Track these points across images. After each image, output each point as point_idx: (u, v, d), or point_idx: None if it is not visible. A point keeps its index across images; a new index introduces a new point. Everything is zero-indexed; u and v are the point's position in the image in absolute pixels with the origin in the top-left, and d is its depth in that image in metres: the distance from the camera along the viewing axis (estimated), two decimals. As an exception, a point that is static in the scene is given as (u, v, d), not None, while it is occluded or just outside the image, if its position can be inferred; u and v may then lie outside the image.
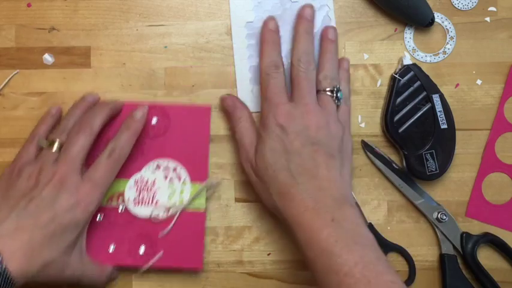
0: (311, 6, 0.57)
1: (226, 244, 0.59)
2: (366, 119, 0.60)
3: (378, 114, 0.60)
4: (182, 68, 0.60)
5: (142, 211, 0.56)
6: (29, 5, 0.60)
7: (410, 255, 0.59)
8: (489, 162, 0.59)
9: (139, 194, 0.56)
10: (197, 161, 0.57)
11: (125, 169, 0.55)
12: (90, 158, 0.53)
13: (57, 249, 0.49)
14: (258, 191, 0.55)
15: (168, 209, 0.56)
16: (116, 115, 0.56)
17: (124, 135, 0.53)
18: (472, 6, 0.60)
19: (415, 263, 0.59)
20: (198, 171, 0.57)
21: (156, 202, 0.56)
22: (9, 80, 0.59)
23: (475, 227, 0.59)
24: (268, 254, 0.59)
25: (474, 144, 0.60)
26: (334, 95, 0.54)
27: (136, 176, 0.56)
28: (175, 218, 0.56)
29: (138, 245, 0.56)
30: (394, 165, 0.59)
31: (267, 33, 0.56)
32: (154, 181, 0.56)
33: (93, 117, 0.53)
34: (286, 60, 0.57)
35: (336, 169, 0.52)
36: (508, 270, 0.59)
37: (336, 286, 0.45)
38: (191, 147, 0.57)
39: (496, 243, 0.58)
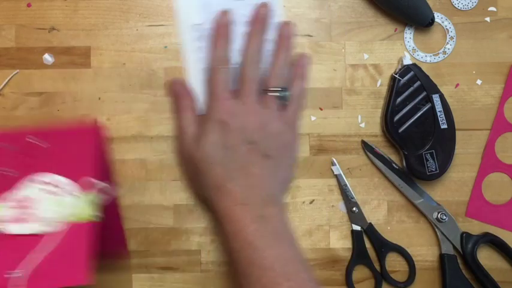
0: (265, 6, 0.57)
1: (226, 244, 0.59)
2: (366, 119, 0.60)
3: (378, 114, 0.60)
4: (182, 68, 0.60)
5: (21, 229, 0.51)
6: (29, 5, 0.60)
7: (410, 255, 0.59)
8: (489, 162, 0.59)
9: (17, 211, 0.51)
10: (83, 174, 0.52)
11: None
12: None
13: None
14: (189, 181, 0.57)
15: (52, 223, 0.51)
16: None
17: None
18: (472, 6, 0.60)
19: (415, 263, 0.59)
20: (84, 183, 0.52)
21: (37, 218, 0.51)
22: (9, 80, 0.59)
23: (475, 227, 0.59)
24: (268, 254, 0.59)
25: (474, 144, 0.60)
26: (280, 94, 0.55)
27: (13, 195, 0.52)
28: (61, 228, 0.51)
29: (14, 267, 0.50)
30: (394, 165, 0.59)
31: (220, 28, 0.56)
32: (34, 197, 0.52)
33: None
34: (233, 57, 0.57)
35: (269, 169, 0.53)
36: (508, 270, 0.59)
37: (257, 278, 0.47)
38: (76, 161, 0.53)
39: (496, 243, 0.58)
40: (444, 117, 0.57)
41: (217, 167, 0.53)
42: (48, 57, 0.59)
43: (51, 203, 0.52)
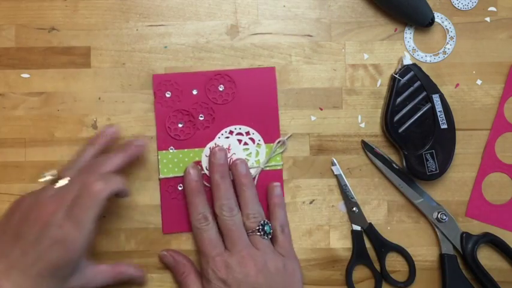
0: (221, 149, 0.57)
1: (226, 244, 0.59)
2: (366, 119, 0.60)
3: (378, 114, 0.60)
4: (182, 68, 0.60)
5: None
6: None
7: (410, 255, 0.59)
8: (489, 162, 0.59)
9: None
10: (268, 122, 0.58)
11: (199, 139, 0.58)
12: None
13: (52, 286, 0.48)
14: None
15: None
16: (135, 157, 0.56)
17: (112, 164, 0.52)
18: (472, 6, 0.60)
19: (415, 263, 0.59)
20: (270, 132, 0.58)
21: None
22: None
23: (475, 227, 0.59)
24: (268, 254, 0.59)
25: (474, 144, 0.60)
26: (262, 232, 0.55)
27: (211, 144, 0.58)
28: (255, 180, 0.58)
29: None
30: (394, 165, 0.59)
31: (190, 184, 0.56)
32: (229, 147, 0.58)
33: (103, 165, 0.52)
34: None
35: None
36: (508, 270, 0.59)
37: None
38: (260, 109, 0.58)
39: (496, 243, 0.58)
40: (444, 117, 0.57)
41: None
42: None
43: (244, 153, 0.57)
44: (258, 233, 0.55)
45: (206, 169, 0.58)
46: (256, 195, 0.57)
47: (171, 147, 0.58)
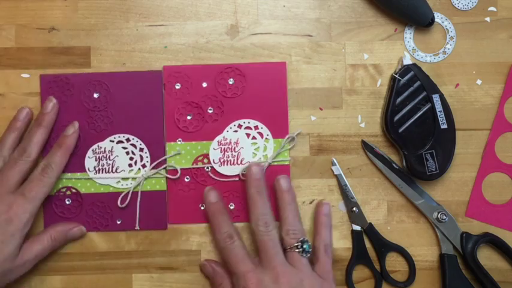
0: (257, 165, 0.57)
1: (226, 244, 0.59)
2: (366, 119, 0.60)
3: (378, 114, 0.60)
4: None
5: (228, 170, 0.58)
6: None
7: (410, 255, 0.59)
8: (489, 162, 0.59)
9: (224, 154, 0.58)
10: (277, 117, 0.58)
11: (207, 132, 0.58)
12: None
13: None
14: None
15: None
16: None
17: (57, 153, 0.55)
18: (472, 6, 0.60)
19: (415, 263, 0.59)
20: (278, 127, 0.58)
21: (241, 161, 0.58)
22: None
23: (475, 227, 0.59)
24: (268, 254, 0.59)
25: (474, 144, 0.60)
26: (300, 249, 0.53)
27: (219, 137, 0.58)
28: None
29: (228, 202, 0.58)
30: (394, 165, 0.59)
31: (211, 206, 0.56)
32: (237, 141, 0.58)
33: (30, 145, 0.55)
34: None
35: None
36: (508, 270, 0.59)
37: None
38: (269, 104, 0.58)
39: (496, 243, 0.58)
40: (444, 117, 0.57)
41: None
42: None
43: (252, 147, 0.58)
44: (297, 250, 0.53)
45: (214, 162, 0.58)
46: (297, 212, 0.56)
47: (179, 139, 0.58)
